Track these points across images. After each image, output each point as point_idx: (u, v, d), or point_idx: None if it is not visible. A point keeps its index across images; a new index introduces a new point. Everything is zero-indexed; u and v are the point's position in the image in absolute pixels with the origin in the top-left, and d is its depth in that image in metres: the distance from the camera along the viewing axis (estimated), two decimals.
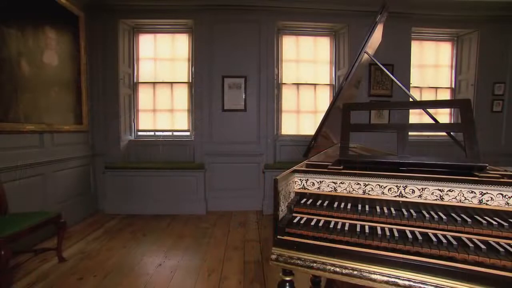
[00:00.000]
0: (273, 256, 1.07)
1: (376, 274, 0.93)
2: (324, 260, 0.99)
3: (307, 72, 4.25)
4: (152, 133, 4.21)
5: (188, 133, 4.22)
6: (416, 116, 4.30)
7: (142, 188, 3.77)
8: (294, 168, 1.24)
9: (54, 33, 3.09)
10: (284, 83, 4.24)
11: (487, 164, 1.10)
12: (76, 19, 3.48)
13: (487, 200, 1.03)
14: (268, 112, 3.97)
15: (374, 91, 4.02)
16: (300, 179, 1.24)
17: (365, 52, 1.43)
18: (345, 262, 0.96)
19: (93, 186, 3.86)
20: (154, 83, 4.12)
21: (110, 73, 3.85)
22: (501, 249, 0.86)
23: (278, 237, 1.07)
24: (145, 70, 4.15)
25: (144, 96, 4.15)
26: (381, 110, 3.99)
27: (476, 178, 1.05)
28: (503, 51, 4.29)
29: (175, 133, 4.22)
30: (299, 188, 1.25)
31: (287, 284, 1.10)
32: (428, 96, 4.54)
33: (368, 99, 4.04)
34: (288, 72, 4.24)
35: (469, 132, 1.15)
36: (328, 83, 4.30)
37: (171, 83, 4.13)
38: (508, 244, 0.89)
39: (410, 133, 3.74)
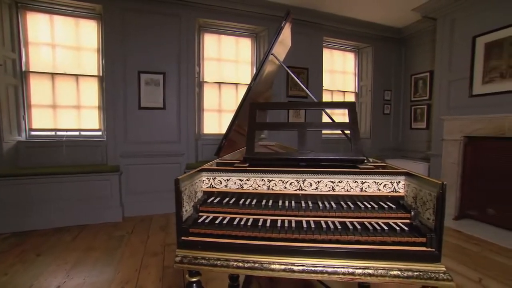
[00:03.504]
0: (177, 259, 1.03)
1: (275, 264, 0.98)
2: (227, 257, 1.00)
3: (229, 72, 4.29)
4: (52, 133, 3.58)
5: (99, 133, 3.76)
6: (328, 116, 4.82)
7: (38, 198, 3.18)
8: (201, 167, 1.23)
9: None
10: (206, 82, 4.18)
11: (365, 158, 1.30)
12: None
13: (366, 188, 1.21)
14: (189, 111, 3.85)
15: (292, 92, 4.34)
16: (208, 178, 1.24)
17: (272, 54, 1.51)
18: (247, 256, 0.99)
19: None
20: (52, 74, 3.50)
21: None
22: (370, 227, 1.03)
23: (182, 238, 1.03)
24: (39, 57, 3.45)
25: (39, 89, 3.47)
26: (297, 110, 4.33)
27: (358, 170, 1.22)
28: (389, 64, 5.22)
29: (83, 133, 3.70)
30: (207, 187, 1.24)
31: (194, 285, 1.08)
32: (338, 98, 5.14)
33: (286, 100, 4.34)
34: (210, 71, 4.20)
35: (354, 130, 1.33)
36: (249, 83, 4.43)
37: (76, 75, 3.59)
38: (376, 223, 1.07)
39: (324, 132, 4.12)
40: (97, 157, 3.64)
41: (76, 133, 3.66)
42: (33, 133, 3.48)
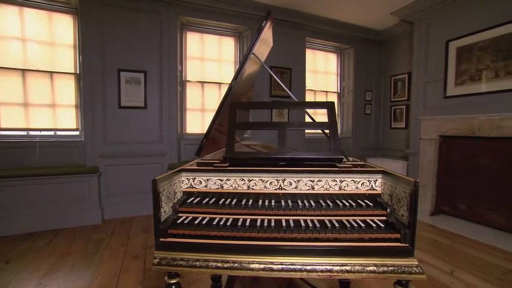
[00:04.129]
0: (155, 261, 1.01)
1: (255, 263, 0.98)
2: (206, 257, 0.99)
3: (212, 71, 4.25)
4: (24, 133, 3.39)
5: (77, 133, 3.61)
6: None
7: (8, 202, 3.00)
8: (181, 167, 1.21)
9: None
10: (189, 81, 4.12)
11: (343, 157, 1.32)
12: None
13: (345, 186, 1.24)
14: (171, 110, 3.79)
15: (275, 92, 4.37)
16: (187, 178, 1.22)
17: (252, 53, 1.51)
18: (226, 256, 0.99)
19: None
20: (23, 70, 3.31)
21: None
22: (348, 225, 1.05)
23: (161, 239, 1.02)
24: (7, 51, 3.23)
25: (7, 86, 3.23)
26: (281, 110, 4.36)
27: (337, 169, 1.24)
28: (370, 66, 5.37)
29: (58, 133, 3.54)
30: (187, 188, 1.22)
31: (173, 287, 1.07)
32: (320, 98, 5.22)
33: (270, 99, 4.36)
34: (193, 70, 4.14)
35: (333, 130, 1.35)
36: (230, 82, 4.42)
37: (51, 72, 3.43)
38: (354, 220, 1.09)
39: (307, 131, 4.17)
40: (75, 158, 3.49)
41: (51, 133, 3.50)
42: (1, 132, 3.28)
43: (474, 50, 3.38)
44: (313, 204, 1.19)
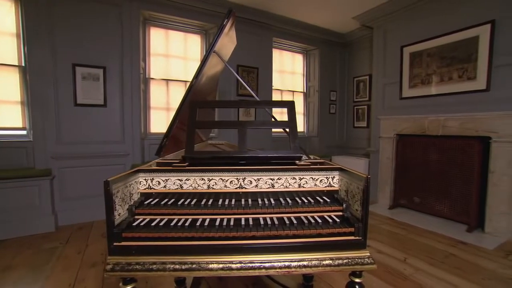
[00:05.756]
0: (109, 267, 0.95)
1: (213, 263, 0.97)
2: (163, 260, 0.96)
3: (177, 69, 4.13)
4: None
5: (23, 132, 3.28)
6: (278, 115, 4.97)
7: None
8: (138, 167, 1.16)
9: None
10: (153, 78, 3.97)
11: (302, 155, 1.36)
12: None
13: (304, 184, 1.27)
14: (133, 108, 3.61)
15: (241, 91, 4.37)
16: (145, 179, 1.17)
17: (214, 51, 1.49)
18: (184, 258, 0.97)
19: None
20: None
21: None
22: (306, 221, 1.09)
23: (114, 244, 0.96)
24: None
25: None
26: (248, 109, 4.37)
27: (296, 167, 1.27)
28: (334, 67, 5.60)
29: (0, 132, 3.18)
30: (145, 188, 1.18)
31: None
32: (287, 97, 5.32)
33: (237, 98, 4.35)
34: (157, 67, 3.99)
35: (292, 129, 1.38)
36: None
37: None
38: (312, 217, 1.13)
39: (275, 130, 4.22)
40: (21, 160, 3.17)
41: None
42: None
43: (423, 56, 3.68)
44: (272, 202, 1.21)
